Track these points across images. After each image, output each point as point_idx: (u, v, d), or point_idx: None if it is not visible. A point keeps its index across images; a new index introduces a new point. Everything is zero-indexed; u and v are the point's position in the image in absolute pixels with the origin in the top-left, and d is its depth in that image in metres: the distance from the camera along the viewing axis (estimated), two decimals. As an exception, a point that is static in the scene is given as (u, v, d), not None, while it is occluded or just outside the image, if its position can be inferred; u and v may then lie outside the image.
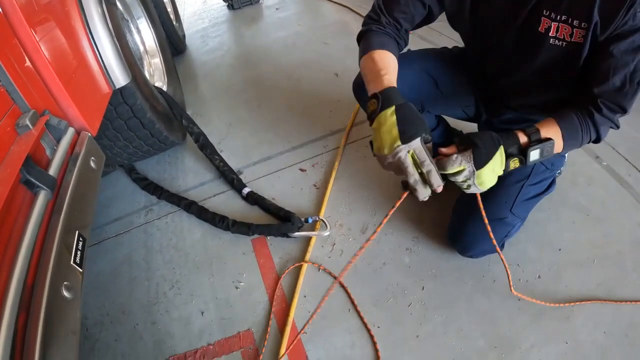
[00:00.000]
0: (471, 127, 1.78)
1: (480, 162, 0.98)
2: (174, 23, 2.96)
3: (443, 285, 1.46)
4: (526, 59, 1.19)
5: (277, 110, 2.37)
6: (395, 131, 0.97)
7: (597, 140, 1.13)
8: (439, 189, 0.97)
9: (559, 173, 1.63)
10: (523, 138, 1.04)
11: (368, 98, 1.07)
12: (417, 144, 0.95)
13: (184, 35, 3.23)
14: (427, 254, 1.54)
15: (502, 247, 1.41)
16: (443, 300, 1.42)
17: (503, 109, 1.44)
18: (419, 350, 1.32)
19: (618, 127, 1.11)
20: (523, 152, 1.03)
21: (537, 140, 1.02)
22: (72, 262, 0.81)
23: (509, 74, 1.30)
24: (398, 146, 0.96)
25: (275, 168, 2.01)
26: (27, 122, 0.92)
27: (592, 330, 1.29)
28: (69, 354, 0.71)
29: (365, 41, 1.21)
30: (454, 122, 1.77)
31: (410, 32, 1.32)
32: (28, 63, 1.06)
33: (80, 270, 0.82)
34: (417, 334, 1.36)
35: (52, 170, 0.94)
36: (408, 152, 0.96)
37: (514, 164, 1.03)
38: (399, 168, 0.98)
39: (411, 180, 0.97)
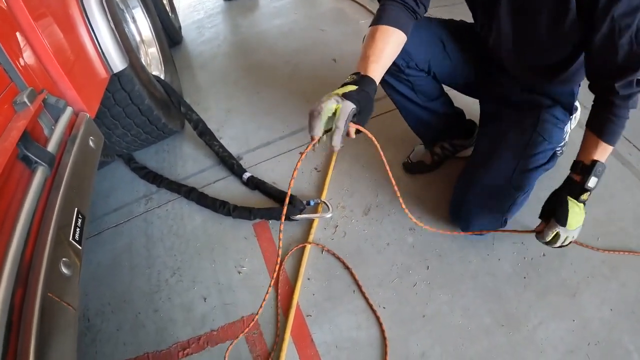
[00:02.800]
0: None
1: (563, 222, 1.19)
2: (170, 14, 2.93)
3: (448, 264, 1.45)
4: (520, 23, 1.20)
5: (276, 96, 2.34)
6: (342, 91, 1.03)
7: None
8: (335, 149, 1.01)
9: (561, 152, 1.62)
10: (577, 177, 1.20)
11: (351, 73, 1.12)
12: (348, 106, 0.98)
13: (180, 27, 3.20)
14: (430, 234, 1.52)
15: (504, 223, 1.41)
16: (448, 279, 1.41)
17: (502, 82, 1.45)
18: (425, 330, 1.31)
19: None
20: (583, 188, 1.18)
21: (587, 172, 1.17)
22: (70, 239, 0.79)
23: (507, 40, 1.29)
24: (335, 95, 1.01)
25: (276, 153, 1.99)
26: (25, 99, 0.90)
27: (599, 307, 1.29)
28: (67, 330, 0.70)
29: (378, 13, 1.21)
30: (468, 112, 1.76)
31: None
32: (26, 45, 1.04)
33: (79, 247, 0.80)
34: (423, 313, 1.35)
35: (51, 148, 0.92)
36: (336, 106, 0.99)
37: (585, 197, 1.21)
38: (317, 111, 1.00)
39: (315, 127, 1.01)
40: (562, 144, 1.60)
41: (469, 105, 1.73)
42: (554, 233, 1.21)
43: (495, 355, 1.24)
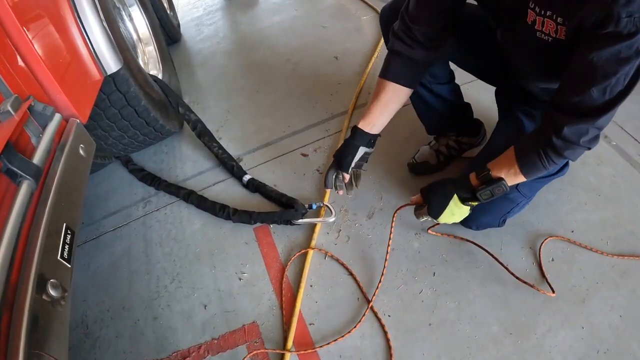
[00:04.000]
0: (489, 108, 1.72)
1: (435, 215, 1.23)
2: (168, 12, 2.88)
3: (454, 270, 1.41)
4: (520, 46, 1.13)
5: (276, 95, 2.30)
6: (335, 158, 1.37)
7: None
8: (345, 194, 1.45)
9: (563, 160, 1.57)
10: (474, 181, 1.16)
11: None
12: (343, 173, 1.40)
13: (178, 24, 3.15)
14: (436, 238, 1.49)
15: (503, 222, 1.40)
16: (455, 285, 1.38)
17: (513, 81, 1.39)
18: (431, 339, 1.28)
19: (590, 148, 1.02)
20: (475, 196, 1.15)
21: (487, 182, 1.13)
22: (59, 258, 0.75)
23: (512, 55, 1.24)
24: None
25: (276, 154, 1.94)
26: (9, 108, 0.85)
27: (608, 313, 1.26)
28: (58, 351, 0.66)
29: (387, 63, 1.26)
30: (476, 111, 1.70)
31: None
32: (11, 47, 0.99)
33: (69, 265, 0.76)
34: (430, 321, 1.31)
35: (37, 159, 0.87)
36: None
37: (472, 203, 1.19)
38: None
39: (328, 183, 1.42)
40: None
41: (476, 104, 1.69)
42: (425, 218, 1.28)
43: (503, 364, 1.20)
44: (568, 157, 1.03)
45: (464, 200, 1.18)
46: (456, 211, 1.20)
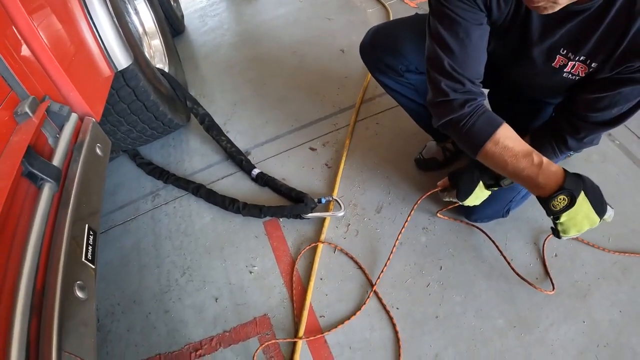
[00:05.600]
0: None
1: (462, 199, 1.28)
2: (172, 3, 2.86)
3: (461, 265, 1.43)
4: (536, 81, 1.16)
5: (283, 89, 2.30)
6: (593, 215, 1.08)
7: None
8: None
9: (571, 153, 1.59)
10: None
11: (554, 194, 1.04)
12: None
13: (182, 16, 3.13)
14: (443, 233, 1.51)
15: (507, 213, 1.43)
16: (461, 279, 1.40)
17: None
18: (438, 331, 1.30)
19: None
20: (498, 181, 1.22)
21: None
22: (83, 259, 0.76)
23: (521, 86, 1.28)
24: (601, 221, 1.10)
25: (285, 147, 1.95)
26: (27, 110, 0.87)
27: (609, 309, 1.28)
28: (86, 352, 0.68)
29: (484, 120, 1.08)
30: None
31: None
32: (25, 47, 0.99)
33: (93, 266, 0.78)
34: (437, 314, 1.34)
35: (56, 161, 0.88)
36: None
37: (494, 189, 1.26)
38: None
39: None
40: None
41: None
42: (448, 199, 1.35)
43: (507, 356, 1.23)
44: (576, 151, 1.10)
45: (488, 187, 1.25)
46: (480, 195, 1.27)
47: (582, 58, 0.99)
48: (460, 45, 1.01)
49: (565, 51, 1.00)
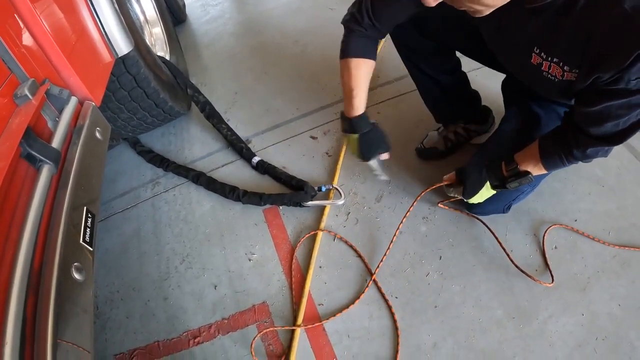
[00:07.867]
0: (489, 89, 1.71)
1: (468, 197, 1.33)
2: (174, -9, 2.85)
3: (460, 255, 1.43)
4: (528, 77, 1.19)
5: (284, 77, 2.29)
6: (357, 152, 1.38)
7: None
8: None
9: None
10: (506, 171, 1.24)
11: (340, 115, 1.38)
12: (372, 161, 1.42)
13: (184, 4, 3.12)
14: (443, 223, 1.51)
15: (507, 209, 1.43)
16: (460, 269, 1.40)
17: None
18: (437, 320, 1.31)
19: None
20: (504, 183, 1.24)
21: (515, 175, 1.21)
22: (81, 241, 0.76)
23: (521, 79, 1.28)
24: (360, 160, 1.41)
25: (285, 136, 1.95)
26: (26, 92, 0.86)
27: (608, 302, 1.28)
28: (83, 338, 0.68)
29: (345, 43, 1.29)
30: (484, 98, 1.70)
31: None
32: (25, 31, 0.99)
33: (91, 249, 0.77)
34: (436, 304, 1.34)
35: (55, 143, 0.88)
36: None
37: (499, 189, 1.28)
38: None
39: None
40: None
41: (484, 91, 1.68)
42: (453, 194, 1.38)
43: (505, 347, 1.23)
44: (584, 161, 1.13)
45: (494, 187, 1.28)
46: (484, 194, 1.31)
47: (555, 60, 1.00)
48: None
49: (538, 50, 1.03)
